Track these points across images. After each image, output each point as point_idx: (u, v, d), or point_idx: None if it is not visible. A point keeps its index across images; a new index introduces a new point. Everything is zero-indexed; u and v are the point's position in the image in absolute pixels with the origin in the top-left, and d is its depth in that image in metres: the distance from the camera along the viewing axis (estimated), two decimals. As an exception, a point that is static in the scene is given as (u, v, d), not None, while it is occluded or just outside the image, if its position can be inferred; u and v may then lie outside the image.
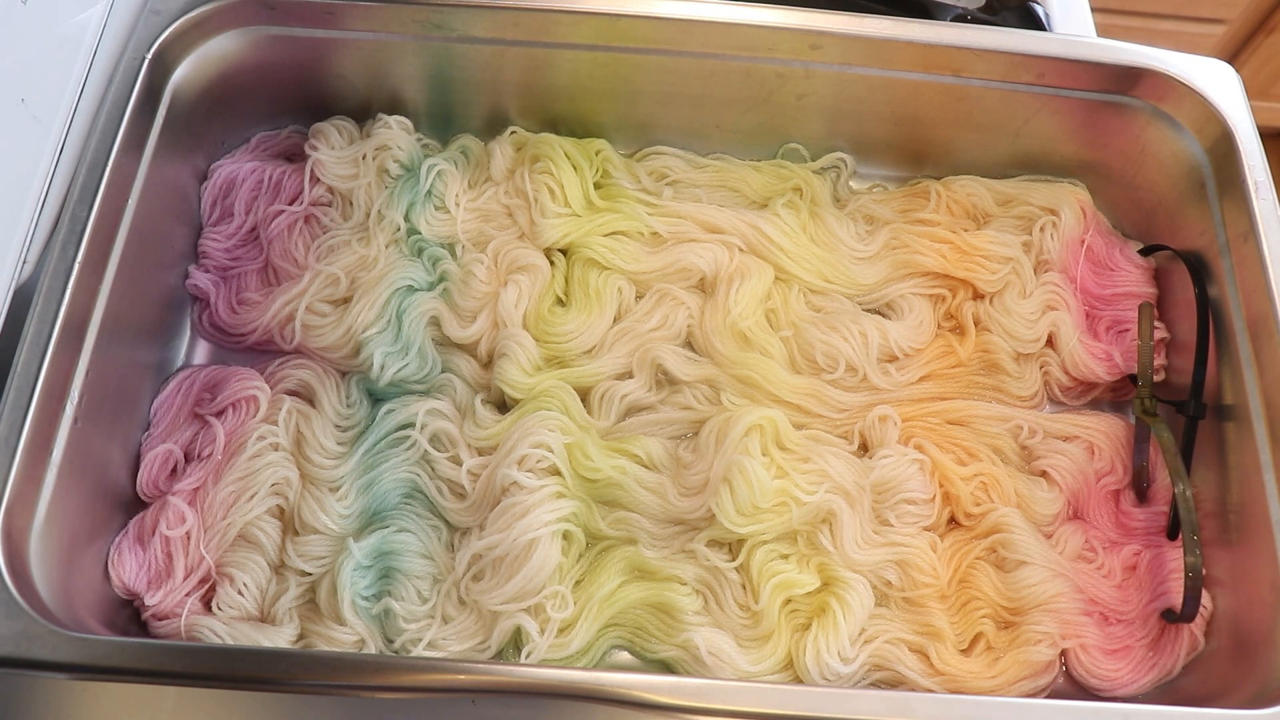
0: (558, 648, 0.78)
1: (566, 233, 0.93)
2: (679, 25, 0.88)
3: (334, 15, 0.88)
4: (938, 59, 0.90)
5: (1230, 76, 0.90)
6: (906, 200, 0.99)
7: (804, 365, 0.91)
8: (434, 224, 0.93)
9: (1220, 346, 0.86)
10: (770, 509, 0.81)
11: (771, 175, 0.99)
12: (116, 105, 0.81)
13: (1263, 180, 0.85)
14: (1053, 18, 1.05)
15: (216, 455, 0.82)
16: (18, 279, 0.74)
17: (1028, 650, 0.80)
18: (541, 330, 0.90)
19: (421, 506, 0.85)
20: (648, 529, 0.84)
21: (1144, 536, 0.87)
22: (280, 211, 0.93)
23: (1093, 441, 0.90)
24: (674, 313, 0.92)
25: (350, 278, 0.90)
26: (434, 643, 0.79)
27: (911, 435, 0.89)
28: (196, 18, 0.85)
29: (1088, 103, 0.93)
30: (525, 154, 0.96)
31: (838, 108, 0.96)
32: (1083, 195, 0.98)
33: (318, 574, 0.81)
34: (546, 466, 0.82)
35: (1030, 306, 0.93)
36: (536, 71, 0.93)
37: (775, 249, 0.94)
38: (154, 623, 0.78)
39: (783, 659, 0.80)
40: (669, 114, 0.98)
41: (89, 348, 0.76)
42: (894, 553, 0.83)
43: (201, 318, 0.92)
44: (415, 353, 0.88)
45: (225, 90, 0.90)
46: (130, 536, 0.80)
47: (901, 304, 0.95)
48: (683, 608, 0.80)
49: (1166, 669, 0.81)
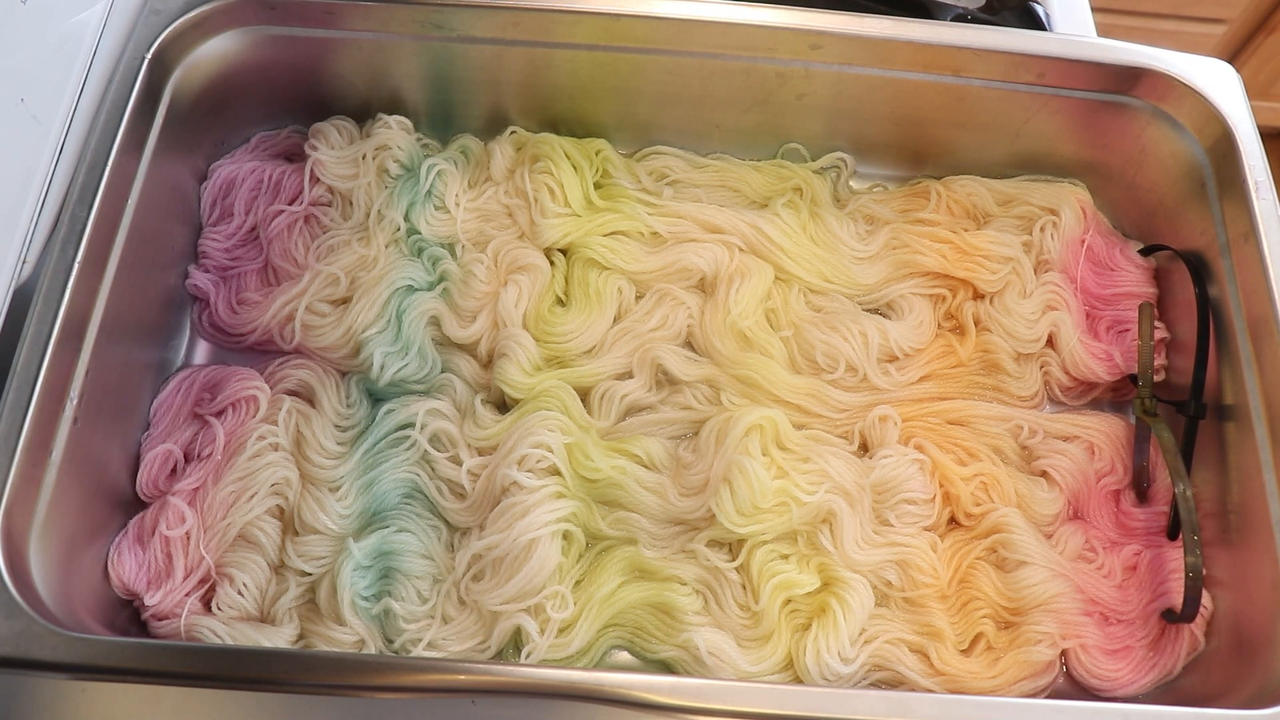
0: (558, 648, 0.78)
1: (566, 233, 0.93)
2: (679, 25, 0.88)
3: (334, 15, 0.88)
4: (938, 59, 0.90)
5: (1230, 76, 0.89)
6: (907, 200, 0.99)
7: (804, 365, 0.91)
8: (434, 224, 0.93)
9: (1220, 346, 0.86)
10: (770, 509, 0.81)
11: (771, 175, 0.99)
12: (116, 105, 0.81)
13: (1263, 180, 0.85)
14: (1053, 18, 1.05)
15: (216, 455, 0.82)
16: (18, 279, 0.74)
17: (1028, 650, 0.80)
18: (541, 330, 0.90)
19: (421, 506, 0.85)
20: (648, 529, 0.84)
21: (1144, 536, 0.87)
22: (280, 211, 0.93)
23: (1093, 441, 0.90)
24: (674, 313, 0.92)
25: (350, 277, 0.90)
26: (434, 643, 0.79)
27: (912, 435, 0.89)
28: (196, 18, 0.85)
29: (1088, 103, 0.93)
30: (525, 154, 0.96)
31: (838, 108, 0.96)
32: (1083, 195, 0.98)
33: (318, 574, 0.81)
34: (546, 466, 0.82)
35: (1030, 306, 0.93)
36: (536, 71, 0.93)
37: (775, 249, 0.94)
38: (154, 623, 0.78)
39: (783, 659, 0.80)
40: (669, 114, 0.98)
41: (89, 348, 0.76)
42: (894, 553, 0.83)
43: (201, 318, 0.92)
44: (415, 353, 0.88)
45: (225, 90, 0.90)
46: (130, 536, 0.80)
47: (901, 304, 0.95)
48: (683, 608, 0.80)
49: (1167, 669, 0.81)
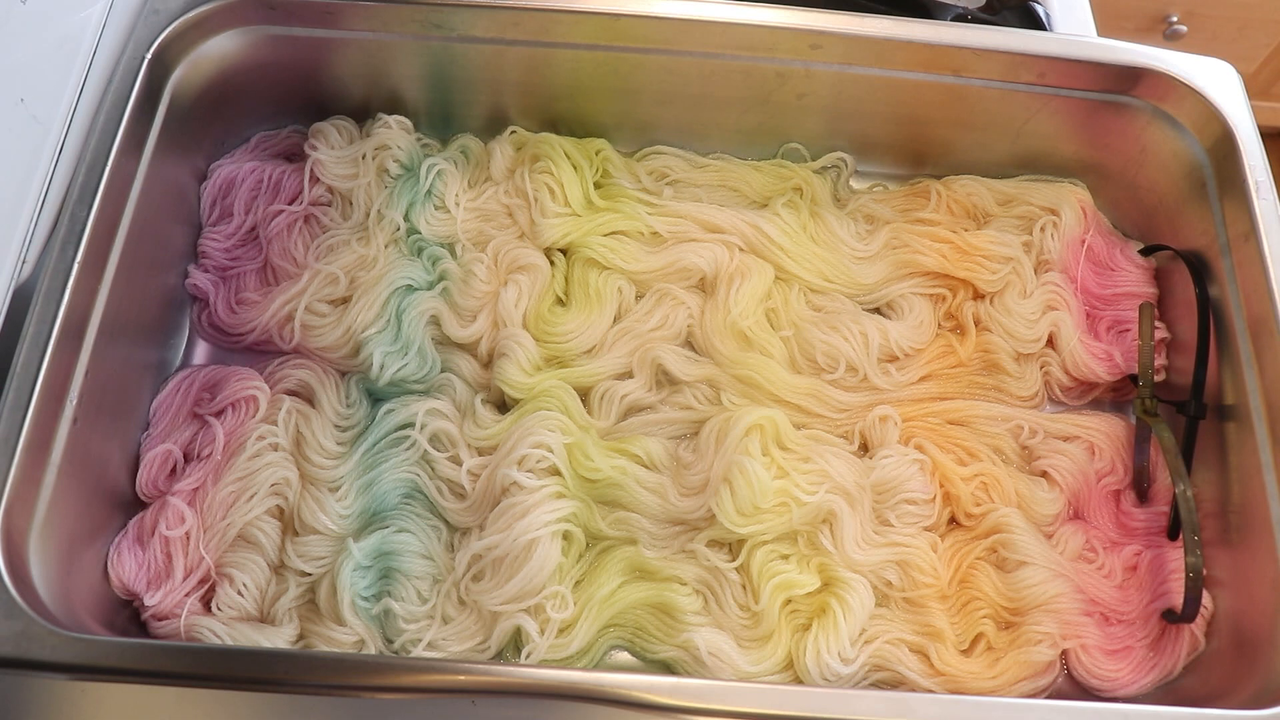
0: (558, 648, 0.78)
1: (566, 232, 0.93)
2: (679, 25, 0.88)
3: (334, 15, 0.88)
4: (938, 59, 0.90)
5: (1231, 76, 0.89)
6: (907, 200, 0.99)
7: (804, 365, 0.91)
8: (434, 223, 0.93)
9: (1221, 346, 0.86)
10: (770, 509, 0.81)
11: (772, 175, 0.99)
12: (116, 105, 0.81)
13: (1263, 180, 0.85)
14: (1053, 18, 1.04)
15: (216, 455, 0.82)
16: (17, 279, 0.74)
17: (1028, 651, 0.80)
18: (541, 330, 0.90)
19: (421, 507, 0.85)
20: (648, 529, 0.84)
21: (1144, 537, 0.87)
22: (280, 211, 0.92)
23: (1093, 441, 0.90)
24: (674, 312, 0.92)
25: (350, 277, 0.90)
26: (434, 643, 0.79)
27: (912, 435, 0.89)
28: (196, 17, 0.85)
29: (1088, 102, 0.92)
30: (525, 153, 0.96)
31: (838, 107, 0.96)
32: (1083, 195, 0.98)
33: (317, 574, 0.81)
34: (546, 466, 0.82)
35: (1030, 306, 0.93)
36: (536, 71, 0.93)
37: (775, 248, 0.94)
38: (153, 623, 0.78)
39: (783, 659, 0.80)
40: (669, 114, 0.97)
41: (88, 348, 0.76)
42: (894, 553, 0.83)
43: (201, 317, 0.92)
44: (415, 352, 0.88)
45: (225, 90, 0.90)
46: (130, 537, 0.80)
47: (902, 304, 0.95)
48: (683, 608, 0.80)
49: (1167, 669, 0.81)
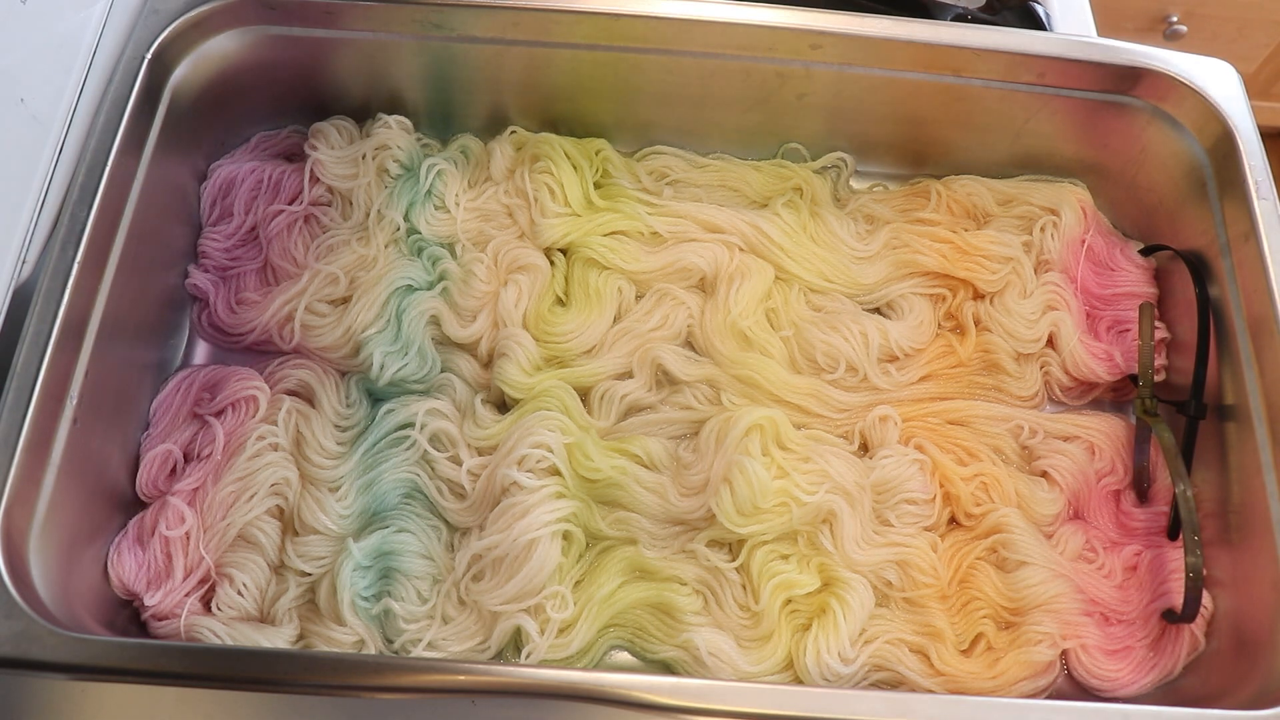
0: (558, 648, 0.78)
1: (566, 232, 0.93)
2: (679, 25, 0.88)
3: (334, 15, 0.88)
4: (938, 59, 0.90)
5: (1231, 76, 0.89)
6: (907, 200, 0.99)
7: (804, 365, 0.91)
8: (434, 223, 0.93)
9: (1221, 346, 0.86)
10: (770, 509, 0.81)
11: (771, 175, 0.99)
12: (116, 105, 0.81)
13: (1263, 180, 0.85)
14: (1053, 18, 1.05)
15: (216, 455, 0.82)
16: (17, 279, 0.74)
17: (1028, 651, 0.80)
18: (541, 330, 0.90)
19: (421, 506, 0.85)
20: (648, 529, 0.84)
21: (1144, 537, 0.87)
22: (280, 211, 0.92)
23: (1093, 441, 0.90)
24: (674, 312, 0.92)
25: (350, 277, 0.90)
26: (434, 643, 0.79)
27: (912, 435, 0.89)
28: (196, 17, 0.85)
29: (1088, 102, 0.92)
30: (525, 153, 0.96)
31: (838, 107, 0.96)
32: (1083, 195, 0.98)
33: (317, 574, 0.81)
34: (546, 466, 0.82)
35: (1030, 306, 0.93)
36: (536, 71, 0.93)
37: (775, 248, 0.94)
38: (153, 623, 0.78)
39: (783, 659, 0.80)
40: (669, 114, 0.97)
41: (88, 348, 0.76)
42: (894, 553, 0.83)
43: (201, 317, 0.92)
44: (415, 352, 0.88)
45: (225, 90, 0.90)
46: (130, 537, 0.80)
47: (902, 304, 0.95)
48: (683, 608, 0.80)
49: (1167, 669, 0.81)
